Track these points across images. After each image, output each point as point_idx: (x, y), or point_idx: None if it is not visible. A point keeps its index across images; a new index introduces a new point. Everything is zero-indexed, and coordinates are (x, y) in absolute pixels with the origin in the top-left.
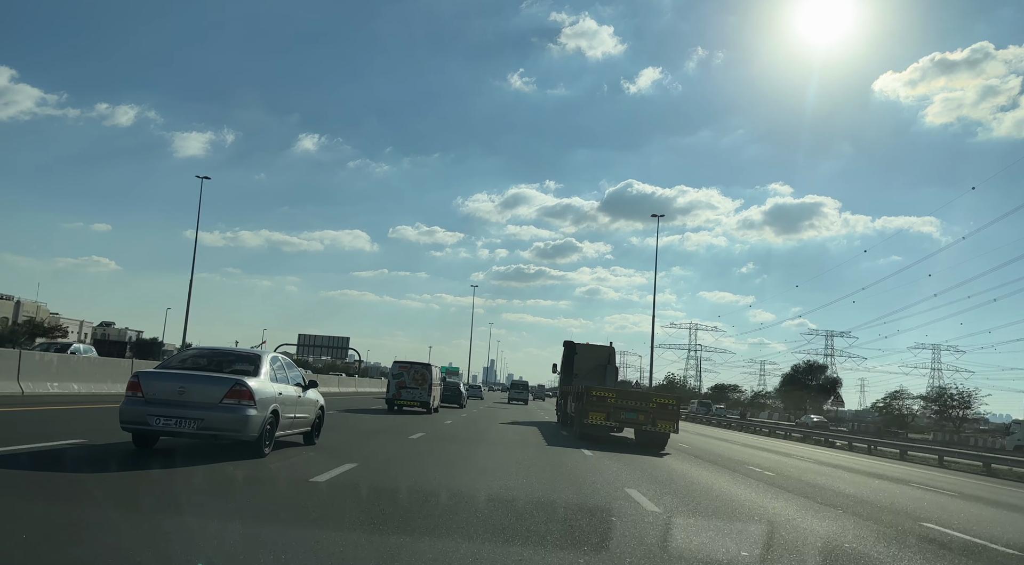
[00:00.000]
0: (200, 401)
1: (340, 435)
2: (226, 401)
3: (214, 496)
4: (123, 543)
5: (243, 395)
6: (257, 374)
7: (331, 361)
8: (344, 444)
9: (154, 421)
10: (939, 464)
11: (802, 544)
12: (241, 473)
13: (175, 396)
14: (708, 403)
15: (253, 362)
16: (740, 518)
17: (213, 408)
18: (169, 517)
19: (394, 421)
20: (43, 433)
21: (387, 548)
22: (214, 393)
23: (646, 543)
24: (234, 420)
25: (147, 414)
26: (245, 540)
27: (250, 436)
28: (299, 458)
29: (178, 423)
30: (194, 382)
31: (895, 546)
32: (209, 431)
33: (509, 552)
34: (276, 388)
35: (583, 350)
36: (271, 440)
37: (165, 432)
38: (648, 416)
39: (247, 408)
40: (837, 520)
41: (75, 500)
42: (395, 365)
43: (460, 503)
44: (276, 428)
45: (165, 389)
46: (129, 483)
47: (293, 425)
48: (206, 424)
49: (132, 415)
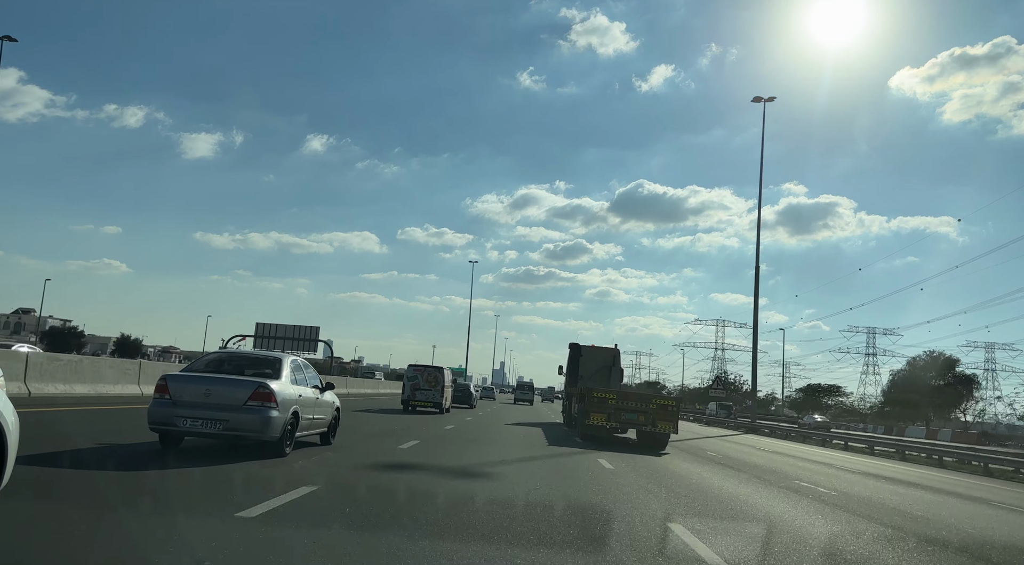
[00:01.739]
0: (225, 403)
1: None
2: (250, 403)
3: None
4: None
5: (266, 397)
6: (278, 377)
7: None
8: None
9: (181, 422)
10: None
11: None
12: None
13: (201, 398)
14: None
15: (274, 365)
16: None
17: (238, 410)
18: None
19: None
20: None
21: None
22: (238, 395)
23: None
24: (257, 421)
25: (175, 415)
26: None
27: (272, 436)
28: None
29: (204, 424)
30: (219, 385)
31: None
32: (234, 432)
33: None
34: (296, 390)
35: (588, 352)
36: (292, 440)
37: (192, 433)
38: (648, 417)
39: (270, 410)
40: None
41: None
42: (410, 368)
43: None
44: (296, 429)
45: (192, 392)
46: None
47: (312, 426)
48: (231, 425)
49: (160, 416)
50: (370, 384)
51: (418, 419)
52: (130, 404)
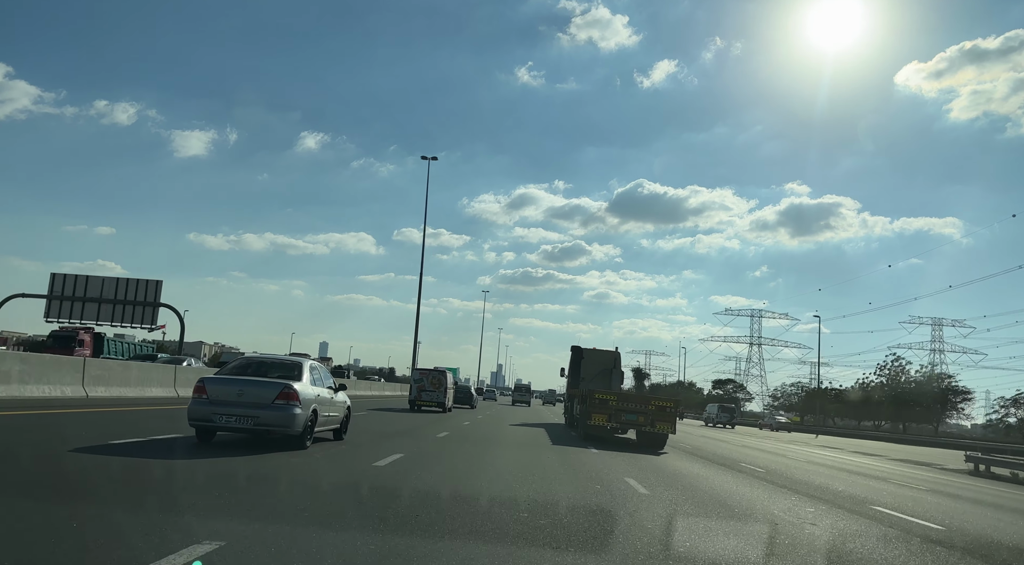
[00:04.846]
0: (255, 402)
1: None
2: (277, 402)
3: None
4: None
5: (291, 396)
6: (300, 379)
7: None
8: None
9: (217, 418)
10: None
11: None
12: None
13: (235, 398)
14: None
15: (296, 368)
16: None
17: (266, 408)
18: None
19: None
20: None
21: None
22: (267, 395)
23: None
24: (284, 417)
25: (212, 413)
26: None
27: (296, 431)
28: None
29: (237, 420)
30: (250, 386)
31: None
32: (263, 427)
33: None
34: (315, 391)
35: (590, 355)
36: (312, 435)
37: (227, 428)
38: (648, 418)
39: (294, 407)
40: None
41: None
42: (416, 372)
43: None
44: (315, 424)
45: (226, 392)
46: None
47: (328, 422)
48: (260, 421)
49: (199, 413)
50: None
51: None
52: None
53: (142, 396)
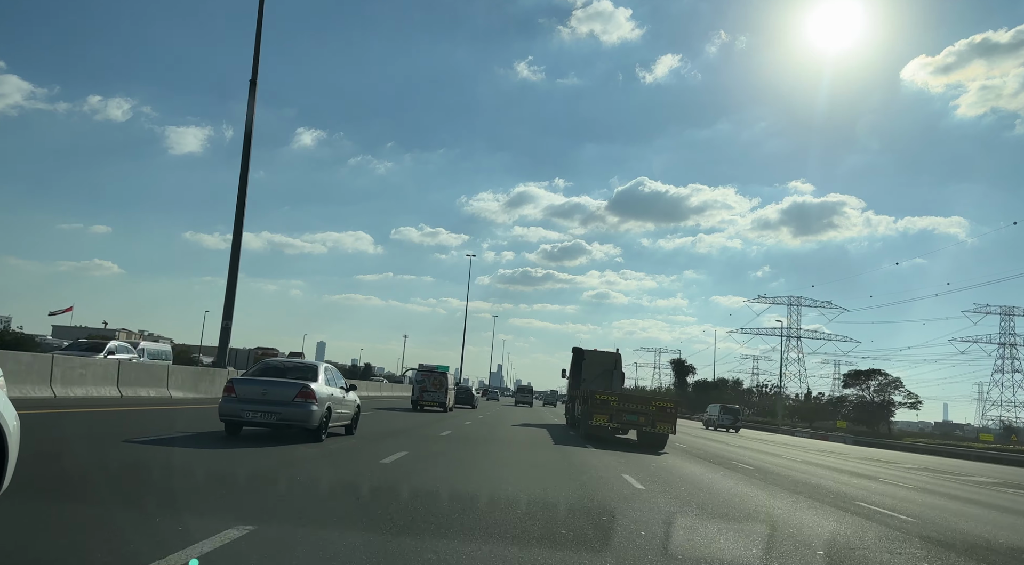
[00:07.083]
0: (278, 400)
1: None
2: (297, 400)
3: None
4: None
5: (309, 395)
6: (316, 379)
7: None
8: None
9: (246, 414)
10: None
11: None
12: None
13: (260, 396)
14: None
15: (312, 370)
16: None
17: (287, 405)
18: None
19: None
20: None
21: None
22: (288, 393)
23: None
24: (303, 413)
25: (240, 409)
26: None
27: (313, 426)
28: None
29: (263, 416)
30: (273, 386)
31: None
32: (285, 422)
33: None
34: (329, 390)
35: (591, 356)
36: (326, 429)
37: (253, 423)
38: (648, 418)
39: (312, 405)
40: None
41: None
42: (418, 373)
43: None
44: (330, 420)
45: (252, 391)
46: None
47: (340, 419)
48: (283, 417)
49: (229, 410)
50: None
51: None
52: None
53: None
